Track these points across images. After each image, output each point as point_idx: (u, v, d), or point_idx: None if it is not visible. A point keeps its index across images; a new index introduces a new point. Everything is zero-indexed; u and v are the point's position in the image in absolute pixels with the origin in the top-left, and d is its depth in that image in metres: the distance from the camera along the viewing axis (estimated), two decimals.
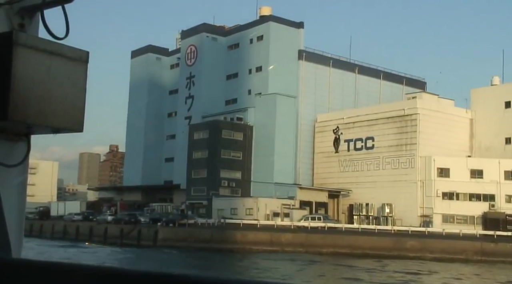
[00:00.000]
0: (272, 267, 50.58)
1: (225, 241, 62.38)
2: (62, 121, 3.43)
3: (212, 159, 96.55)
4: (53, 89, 3.37)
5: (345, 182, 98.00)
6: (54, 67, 3.38)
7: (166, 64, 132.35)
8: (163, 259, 54.27)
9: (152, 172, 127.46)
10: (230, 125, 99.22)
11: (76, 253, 58.60)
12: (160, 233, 64.03)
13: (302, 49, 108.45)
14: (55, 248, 66.36)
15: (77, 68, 3.52)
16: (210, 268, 48.13)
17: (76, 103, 3.50)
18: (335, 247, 60.97)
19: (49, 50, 3.37)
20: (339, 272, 46.44)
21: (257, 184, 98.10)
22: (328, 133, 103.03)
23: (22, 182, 3.66)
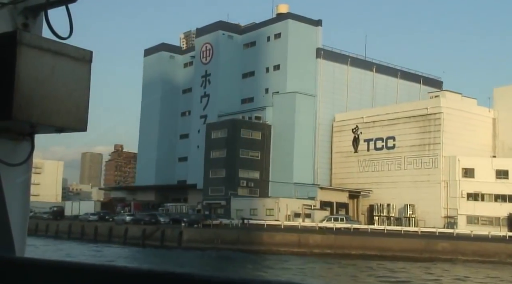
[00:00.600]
0: (305, 268, 49.15)
1: (252, 243, 60.88)
2: (65, 121, 3.39)
3: (230, 159, 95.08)
4: (57, 88, 3.34)
5: (364, 182, 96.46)
6: (58, 66, 3.35)
7: (179, 62, 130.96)
8: (192, 261, 52.86)
9: (165, 172, 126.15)
10: (249, 124, 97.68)
11: (107, 254, 57.08)
12: (185, 234, 62.47)
13: (320, 47, 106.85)
14: (80, 249, 64.99)
15: (80, 68, 3.48)
16: (243, 271, 46.69)
17: (80, 102, 3.46)
18: (364, 249, 59.41)
19: (53, 50, 3.34)
20: (381, 276, 44.86)
21: (275, 184, 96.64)
22: (347, 132, 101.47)
23: (25, 181, 3.62)
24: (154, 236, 66.49)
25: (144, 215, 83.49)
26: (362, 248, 59.57)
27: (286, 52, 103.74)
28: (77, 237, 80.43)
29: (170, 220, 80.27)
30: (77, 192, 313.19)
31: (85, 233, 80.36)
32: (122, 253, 59.51)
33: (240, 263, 52.32)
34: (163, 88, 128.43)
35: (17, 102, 3.21)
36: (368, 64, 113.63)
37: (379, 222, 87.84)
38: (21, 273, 2.16)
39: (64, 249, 65.94)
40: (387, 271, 47.20)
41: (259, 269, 47.34)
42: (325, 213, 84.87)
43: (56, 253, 57.23)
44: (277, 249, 60.02)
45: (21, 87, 3.22)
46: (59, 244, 74.43)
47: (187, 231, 63.13)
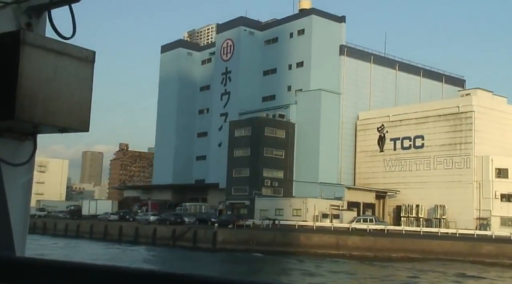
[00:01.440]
0: (352, 272, 47.00)
1: (289, 244, 58.72)
2: (68, 121, 3.38)
3: (254, 158, 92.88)
4: (60, 88, 3.33)
5: (390, 183, 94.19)
6: (61, 66, 3.34)
7: (197, 59, 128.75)
8: (237, 263, 50.76)
9: (182, 171, 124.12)
10: (273, 122, 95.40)
11: (147, 256, 54.99)
12: (219, 235, 60.24)
13: (344, 44, 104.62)
14: (110, 250, 62.90)
15: (83, 68, 3.47)
16: (290, 275, 44.55)
17: (82, 102, 3.45)
18: (406, 252, 57.17)
19: (56, 50, 3.31)
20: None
21: (299, 184, 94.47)
22: (372, 131, 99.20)
23: (28, 181, 3.60)
24: (185, 237, 64.34)
25: (170, 215, 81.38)
26: (404, 250, 57.33)
27: (310, 49, 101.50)
28: (100, 237, 78.32)
29: (196, 220, 78.17)
30: (80, 191, 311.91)
31: (108, 233, 78.23)
32: (164, 255, 57.15)
33: (284, 265, 50.15)
34: (180, 86, 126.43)
35: (20, 102, 3.17)
36: (390, 62, 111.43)
37: (407, 223, 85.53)
38: (21, 272, 2.11)
39: (92, 250, 63.91)
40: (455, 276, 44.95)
41: (311, 274, 45.15)
42: (353, 213, 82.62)
43: (89, 256, 55.07)
44: (315, 251, 57.87)
45: (24, 87, 3.18)
46: (83, 244, 72.38)
47: (221, 232, 60.89)
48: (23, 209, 3.64)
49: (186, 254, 57.34)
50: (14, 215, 3.27)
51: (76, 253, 59.30)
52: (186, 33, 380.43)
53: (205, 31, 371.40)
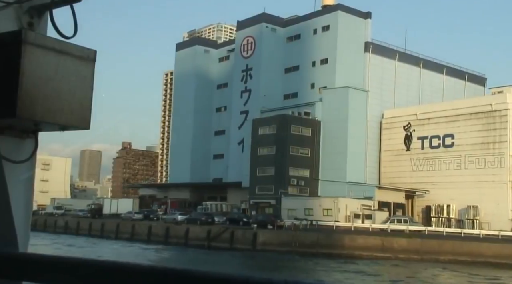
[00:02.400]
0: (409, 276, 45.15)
1: (332, 246, 56.79)
2: (69, 119, 3.41)
3: (280, 156, 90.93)
4: (61, 87, 3.37)
5: (418, 182, 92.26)
6: (62, 65, 3.37)
7: (214, 57, 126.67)
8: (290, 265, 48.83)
9: (200, 169, 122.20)
10: (299, 120, 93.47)
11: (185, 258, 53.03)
12: (260, 236, 58.30)
13: (369, 41, 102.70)
14: (151, 251, 61.01)
15: (84, 67, 3.50)
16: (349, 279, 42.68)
17: (83, 101, 3.48)
18: (454, 254, 55.26)
19: (57, 49, 3.36)
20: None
21: (325, 183, 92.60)
22: (398, 130, 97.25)
23: (29, 178, 3.67)
24: (221, 238, 62.38)
25: (200, 214, 79.60)
26: (452, 253, 55.44)
27: (335, 46, 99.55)
28: (127, 238, 76.39)
29: (227, 220, 76.24)
30: (83, 189, 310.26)
31: (136, 232, 76.26)
32: (207, 257, 55.07)
33: (336, 268, 48.28)
34: (197, 83, 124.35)
35: (21, 100, 3.21)
36: (414, 59, 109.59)
37: (438, 224, 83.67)
38: (24, 268, 2.10)
39: (126, 251, 62.04)
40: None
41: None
42: (385, 214, 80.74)
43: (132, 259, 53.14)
44: (360, 253, 55.99)
45: (25, 86, 3.22)
46: (112, 245, 70.45)
47: (262, 233, 58.92)
48: (25, 205, 3.63)
49: (234, 255, 55.41)
50: (17, 212, 3.21)
51: (113, 254, 57.38)
52: (187, 33, 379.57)
53: (206, 31, 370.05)
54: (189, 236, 67.03)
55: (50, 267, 2.03)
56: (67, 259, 2.01)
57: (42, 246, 60.81)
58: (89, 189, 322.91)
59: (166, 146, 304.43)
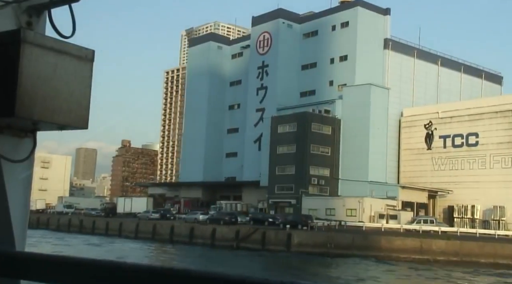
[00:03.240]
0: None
1: (369, 248, 55.03)
2: (67, 118, 3.41)
3: (300, 155, 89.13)
4: (59, 86, 3.37)
5: (439, 182, 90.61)
6: (60, 65, 3.37)
7: (227, 53, 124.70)
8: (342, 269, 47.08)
9: (212, 168, 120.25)
10: (320, 118, 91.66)
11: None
12: (295, 237, 56.48)
13: (388, 37, 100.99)
14: (183, 252, 59.18)
15: (82, 67, 3.49)
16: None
17: (81, 100, 3.48)
18: (495, 257, 53.56)
19: (55, 48, 3.37)
20: None
21: (345, 183, 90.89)
22: (418, 128, 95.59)
23: (27, 177, 3.69)
24: (251, 239, 60.54)
25: (224, 214, 77.85)
26: (493, 256, 53.75)
27: (355, 42, 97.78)
28: (147, 237, 74.46)
29: (251, 220, 74.44)
30: (81, 187, 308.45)
31: (157, 232, 74.36)
32: (244, 260, 53.14)
33: (381, 272, 46.56)
34: (210, 80, 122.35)
35: (20, 99, 3.22)
36: (433, 57, 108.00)
37: (461, 224, 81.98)
38: (21, 267, 2.12)
39: (155, 253, 60.21)
40: None
41: None
42: (410, 214, 79.13)
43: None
44: (397, 255, 54.22)
45: (24, 85, 3.23)
46: (133, 245, 68.63)
47: (297, 234, 57.10)
48: (23, 204, 3.64)
49: (271, 257, 53.62)
50: (14, 211, 3.26)
51: (148, 256, 55.60)
52: (184, 31, 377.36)
53: (203, 29, 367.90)
54: (216, 236, 65.16)
55: (48, 266, 2.03)
56: (65, 259, 2.00)
57: (79, 246, 59.17)
58: (87, 187, 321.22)
59: (166, 144, 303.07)
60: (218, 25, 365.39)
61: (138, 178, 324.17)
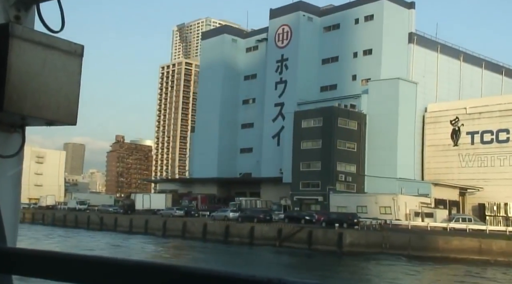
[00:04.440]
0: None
1: (425, 248, 52.84)
2: (56, 114, 3.39)
3: (327, 150, 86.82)
4: (48, 82, 3.34)
5: (467, 179, 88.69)
6: (49, 60, 3.33)
7: (241, 46, 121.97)
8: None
9: (226, 164, 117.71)
10: (346, 113, 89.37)
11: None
12: (347, 237, 54.16)
13: (413, 32, 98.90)
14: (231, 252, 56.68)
15: (72, 62, 3.45)
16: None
17: (70, 96, 3.45)
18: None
19: (44, 43, 3.33)
20: None
21: (371, 179, 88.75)
22: (443, 124, 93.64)
23: (17, 173, 3.69)
24: (295, 238, 58.16)
25: (258, 211, 75.42)
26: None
27: (380, 36, 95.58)
28: (176, 235, 71.90)
29: (286, 218, 72.07)
30: (74, 183, 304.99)
31: (188, 231, 71.75)
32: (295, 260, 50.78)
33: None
34: (225, 74, 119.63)
35: (9, 94, 3.17)
36: (455, 52, 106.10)
37: (494, 222, 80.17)
38: (12, 263, 2.13)
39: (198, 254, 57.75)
40: None
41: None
42: (445, 212, 77.17)
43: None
44: (454, 256, 52.06)
45: (12, 80, 3.19)
46: (171, 243, 66.11)
47: (349, 234, 54.80)
48: (13, 201, 3.60)
49: (328, 258, 51.28)
50: (4, 207, 3.21)
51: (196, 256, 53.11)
52: (176, 27, 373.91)
53: (195, 25, 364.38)
54: (255, 235, 62.71)
55: (39, 261, 2.05)
56: (58, 254, 2.01)
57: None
58: (80, 183, 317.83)
59: (161, 140, 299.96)
60: (210, 21, 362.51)
61: (132, 173, 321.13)
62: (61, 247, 56.66)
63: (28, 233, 76.03)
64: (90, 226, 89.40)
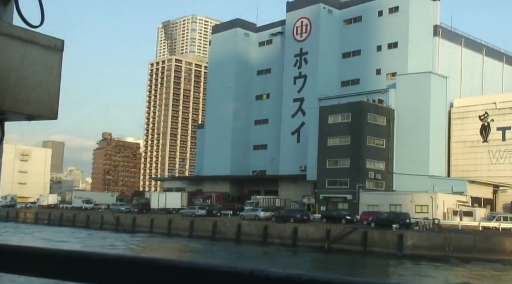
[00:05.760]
0: None
1: (492, 251, 49.50)
2: (36, 109, 3.35)
3: (356, 147, 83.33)
4: (28, 76, 3.30)
5: (498, 176, 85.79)
6: (29, 54, 3.29)
7: (253, 40, 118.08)
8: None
9: (238, 161, 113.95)
10: (375, 108, 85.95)
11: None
12: (408, 239, 50.63)
13: (438, 24, 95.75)
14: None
15: (52, 56, 3.40)
16: None
17: (51, 91, 3.40)
18: None
19: (23, 38, 3.29)
20: None
21: (401, 177, 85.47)
22: (471, 119, 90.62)
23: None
24: (346, 239, 54.57)
25: (294, 211, 71.78)
26: None
27: (406, 28, 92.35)
28: (205, 236, 68.03)
29: (323, 217, 68.53)
30: (58, 180, 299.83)
31: (219, 231, 67.88)
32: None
33: None
34: (237, 69, 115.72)
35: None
36: (478, 45, 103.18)
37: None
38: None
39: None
40: None
41: None
42: (482, 210, 74.06)
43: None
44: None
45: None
46: (208, 246, 62.23)
47: (410, 235, 51.24)
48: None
49: (392, 262, 47.70)
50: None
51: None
52: (161, 24, 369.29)
53: (181, 22, 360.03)
54: (299, 236, 59.01)
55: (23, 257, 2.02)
56: (35, 250, 2.00)
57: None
58: (64, 181, 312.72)
59: (150, 138, 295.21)
60: (196, 19, 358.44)
61: (120, 171, 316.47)
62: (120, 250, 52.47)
63: (47, 235, 71.92)
64: (104, 226, 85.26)
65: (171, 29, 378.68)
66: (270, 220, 68.08)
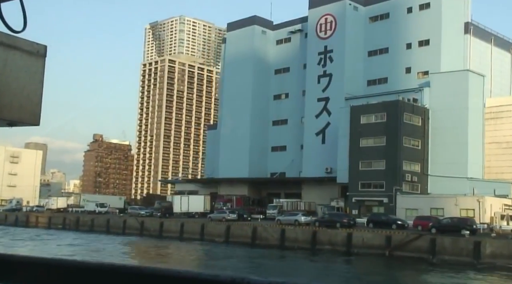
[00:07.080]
0: None
1: None
2: (18, 115, 3.36)
3: (392, 148, 79.85)
4: (9, 82, 3.33)
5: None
6: (11, 60, 3.31)
7: (271, 39, 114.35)
8: None
9: (255, 163, 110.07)
10: (411, 108, 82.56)
11: None
12: (487, 247, 47.06)
13: (469, 21, 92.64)
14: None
15: (34, 62, 3.44)
16: None
17: (33, 96, 3.44)
18: None
19: (5, 43, 3.32)
20: None
21: (436, 179, 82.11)
22: (506, 120, 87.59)
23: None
24: (410, 247, 50.94)
25: (339, 215, 68.08)
26: None
27: (439, 26, 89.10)
28: (244, 242, 64.11)
29: (370, 222, 64.79)
30: (46, 183, 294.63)
31: (259, 237, 64.02)
32: None
33: None
34: (255, 68, 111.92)
35: None
36: (506, 44, 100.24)
37: None
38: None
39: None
40: None
41: None
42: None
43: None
44: None
45: None
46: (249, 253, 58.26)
47: (489, 243, 47.65)
48: None
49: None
50: None
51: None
52: (148, 25, 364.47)
53: (169, 23, 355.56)
54: (353, 242, 55.33)
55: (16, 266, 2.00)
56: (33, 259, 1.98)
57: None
58: (52, 183, 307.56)
59: (143, 139, 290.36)
60: (184, 19, 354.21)
61: (111, 173, 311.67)
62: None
63: (82, 241, 67.82)
64: (126, 230, 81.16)
65: (159, 30, 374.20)
66: (314, 225, 64.29)
